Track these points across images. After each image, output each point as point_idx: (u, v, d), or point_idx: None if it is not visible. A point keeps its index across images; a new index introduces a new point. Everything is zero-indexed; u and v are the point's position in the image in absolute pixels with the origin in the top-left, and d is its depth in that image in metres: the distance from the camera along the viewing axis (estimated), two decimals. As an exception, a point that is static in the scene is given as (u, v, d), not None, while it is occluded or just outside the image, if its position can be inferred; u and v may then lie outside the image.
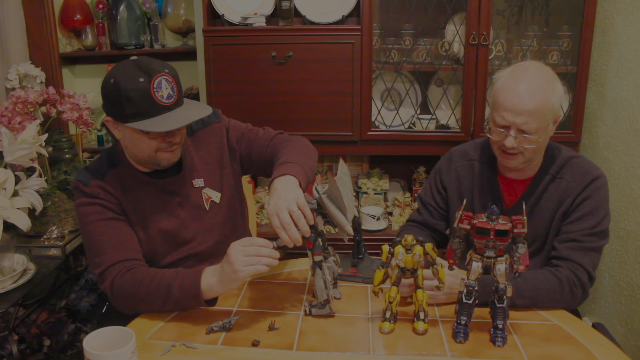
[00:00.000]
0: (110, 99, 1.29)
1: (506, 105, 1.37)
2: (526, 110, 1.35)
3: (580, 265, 1.38)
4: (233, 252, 1.21)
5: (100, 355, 0.99)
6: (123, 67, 1.30)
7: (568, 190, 1.46)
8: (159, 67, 1.29)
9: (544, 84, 1.37)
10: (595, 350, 1.17)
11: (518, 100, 1.36)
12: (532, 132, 1.37)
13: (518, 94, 1.36)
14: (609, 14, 2.17)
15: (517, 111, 1.36)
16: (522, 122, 1.36)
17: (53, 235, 1.82)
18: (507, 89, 1.38)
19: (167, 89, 1.28)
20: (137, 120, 1.27)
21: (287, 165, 1.32)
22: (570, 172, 1.47)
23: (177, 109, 1.31)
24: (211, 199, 1.50)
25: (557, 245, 1.43)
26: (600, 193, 1.44)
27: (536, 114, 1.35)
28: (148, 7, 3.00)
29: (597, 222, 1.42)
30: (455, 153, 1.64)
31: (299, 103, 2.33)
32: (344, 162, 1.41)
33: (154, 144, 1.33)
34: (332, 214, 1.25)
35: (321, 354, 1.16)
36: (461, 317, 1.20)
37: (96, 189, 1.37)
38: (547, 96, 1.36)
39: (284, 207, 1.19)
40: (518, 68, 1.43)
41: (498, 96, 1.40)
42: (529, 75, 1.38)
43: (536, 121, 1.36)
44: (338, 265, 1.35)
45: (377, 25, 2.33)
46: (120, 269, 1.31)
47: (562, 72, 2.30)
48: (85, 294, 2.15)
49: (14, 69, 2.56)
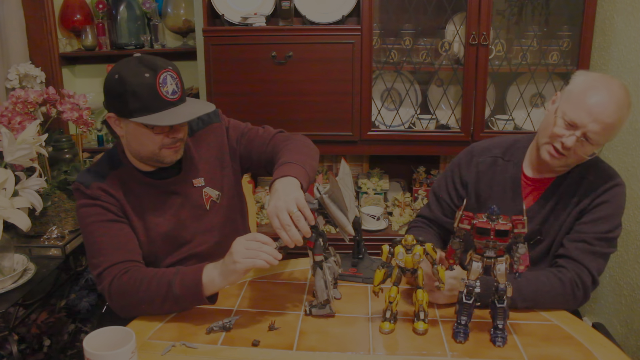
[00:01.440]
0: (115, 95, 1.29)
1: (591, 108, 1.33)
2: (606, 122, 1.33)
3: (586, 268, 1.37)
4: (236, 244, 1.23)
5: (100, 355, 0.99)
6: (127, 63, 1.30)
7: (589, 189, 1.44)
8: (163, 64, 1.30)
9: (626, 106, 1.36)
10: (595, 350, 1.17)
11: (603, 109, 1.33)
12: (595, 143, 1.36)
13: (605, 104, 1.33)
14: (609, 14, 2.17)
15: (595, 117, 1.33)
16: (595, 130, 1.33)
17: (53, 235, 1.82)
18: (596, 92, 1.35)
19: (172, 84, 1.29)
20: (142, 115, 1.28)
21: (288, 166, 1.32)
22: (595, 173, 1.45)
23: (181, 105, 1.32)
24: (211, 199, 1.50)
25: (567, 244, 1.42)
26: (619, 200, 1.44)
27: (610, 129, 1.35)
28: (148, 7, 3.00)
29: (610, 228, 1.41)
30: (477, 148, 1.61)
31: (299, 103, 2.33)
32: (345, 163, 1.41)
33: (158, 139, 1.33)
34: (333, 214, 1.25)
35: (321, 354, 1.16)
36: (461, 317, 1.20)
37: (97, 191, 1.37)
38: (624, 118, 1.36)
39: (283, 208, 1.19)
40: (607, 77, 1.40)
41: (585, 94, 1.35)
42: (619, 90, 1.36)
43: (605, 136, 1.36)
44: (339, 266, 1.35)
45: (377, 25, 2.33)
46: (119, 270, 1.31)
47: (562, 72, 2.31)
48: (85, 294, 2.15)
49: (14, 69, 2.56)
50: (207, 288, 1.27)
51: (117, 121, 1.34)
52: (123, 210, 1.40)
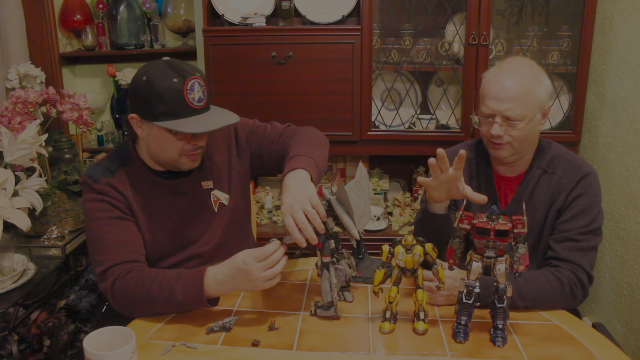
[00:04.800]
0: (141, 97, 1.29)
1: (491, 94, 1.43)
2: (510, 96, 1.40)
3: (580, 266, 1.38)
4: (250, 266, 1.19)
5: (100, 355, 0.99)
6: (156, 65, 1.30)
7: (560, 186, 1.46)
8: (191, 70, 1.30)
9: (526, 73, 1.43)
10: (595, 350, 1.17)
11: (501, 88, 1.42)
12: (516, 118, 1.41)
13: (501, 83, 1.42)
14: (609, 14, 2.17)
15: (501, 98, 1.41)
16: (506, 108, 1.41)
17: (53, 235, 1.82)
18: (492, 80, 1.45)
19: (199, 92, 1.29)
20: (167, 120, 1.27)
21: (298, 159, 1.32)
22: (562, 168, 1.48)
23: (205, 113, 1.32)
24: (220, 201, 1.49)
25: (554, 246, 1.43)
26: (593, 190, 1.45)
27: (520, 100, 1.40)
28: (148, 7, 3.00)
29: (591, 220, 1.42)
30: (450, 155, 1.63)
31: (299, 103, 2.33)
32: (363, 165, 1.40)
33: (180, 145, 1.33)
34: (340, 216, 1.25)
35: (321, 354, 1.16)
36: (461, 317, 1.20)
37: (105, 187, 1.37)
38: (530, 84, 1.41)
39: (298, 208, 1.18)
40: (503, 62, 1.50)
41: (484, 88, 1.47)
42: (512, 66, 1.45)
43: (520, 107, 1.40)
44: (353, 269, 1.33)
45: (377, 25, 2.33)
46: (122, 270, 1.30)
47: (562, 72, 2.31)
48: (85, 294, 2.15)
49: (14, 69, 2.56)
50: (209, 294, 1.26)
51: (140, 122, 1.34)
52: (130, 208, 1.39)
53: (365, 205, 1.34)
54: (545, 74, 1.46)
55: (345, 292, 1.37)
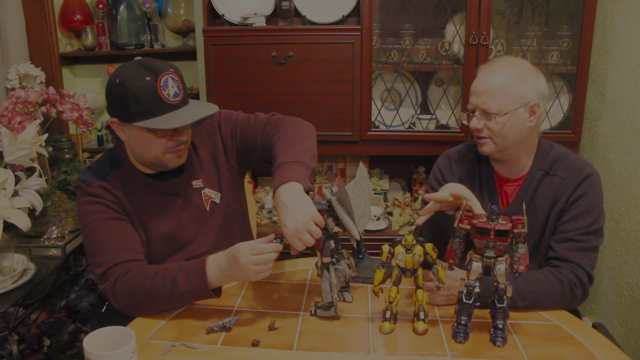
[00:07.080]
0: (116, 99, 1.28)
1: (471, 90, 1.48)
2: (485, 90, 1.44)
3: (580, 266, 1.38)
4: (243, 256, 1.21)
5: (100, 355, 0.99)
6: (128, 67, 1.29)
7: (562, 188, 1.46)
8: (164, 66, 1.29)
9: (507, 69, 1.45)
10: (595, 350, 1.17)
11: (479, 82, 1.46)
12: (492, 111, 1.43)
13: (481, 78, 1.47)
14: (609, 14, 2.17)
15: (478, 92, 1.46)
16: (482, 101, 1.44)
17: (53, 235, 1.82)
18: (477, 77, 1.49)
19: (173, 87, 1.28)
20: (144, 119, 1.27)
21: (287, 168, 1.29)
22: (564, 169, 1.48)
23: (183, 108, 1.31)
24: (211, 200, 1.49)
25: (555, 246, 1.43)
26: (595, 190, 1.45)
27: (495, 93, 1.43)
28: (148, 7, 3.00)
29: (593, 221, 1.42)
30: (453, 156, 1.64)
31: (299, 103, 2.33)
32: (363, 166, 1.40)
33: (162, 143, 1.33)
34: (341, 217, 1.25)
35: (321, 354, 1.16)
36: (461, 317, 1.20)
37: (99, 190, 1.37)
38: (509, 79, 1.43)
39: (304, 231, 1.18)
40: (488, 61, 1.53)
41: (472, 86, 1.50)
42: (496, 64, 1.48)
43: (496, 100, 1.42)
44: (353, 270, 1.33)
45: (377, 25, 2.33)
46: (123, 269, 1.30)
47: (562, 72, 2.31)
48: (85, 294, 2.15)
49: (14, 69, 2.56)
50: (211, 281, 1.27)
51: (120, 126, 1.34)
52: (124, 209, 1.39)
53: (365, 206, 1.33)
54: (536, 72, 1.47)
55: (344, 292, 1.37)
